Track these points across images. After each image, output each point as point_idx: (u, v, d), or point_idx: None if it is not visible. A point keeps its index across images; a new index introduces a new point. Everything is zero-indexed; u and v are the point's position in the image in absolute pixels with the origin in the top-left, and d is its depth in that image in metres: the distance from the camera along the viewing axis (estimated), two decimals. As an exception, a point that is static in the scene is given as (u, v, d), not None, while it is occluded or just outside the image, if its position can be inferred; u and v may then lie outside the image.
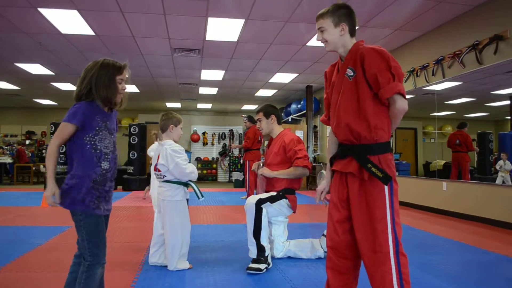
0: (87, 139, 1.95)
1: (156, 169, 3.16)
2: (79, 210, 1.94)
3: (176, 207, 3.15)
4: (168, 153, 3.07)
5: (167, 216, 3.15)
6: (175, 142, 3.23)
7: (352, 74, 1.96)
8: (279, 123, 3.68)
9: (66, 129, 1.92)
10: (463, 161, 6.98)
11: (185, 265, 3.18)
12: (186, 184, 3.18)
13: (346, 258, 2.01)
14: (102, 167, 1.98)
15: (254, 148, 8.05)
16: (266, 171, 3.45)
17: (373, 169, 1.87)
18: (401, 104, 1.89)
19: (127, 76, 2.08)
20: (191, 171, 3.10)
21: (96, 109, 1.99)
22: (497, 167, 6.21)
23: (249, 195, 7.79)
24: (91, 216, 1.95)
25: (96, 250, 1.95)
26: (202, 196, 3.21)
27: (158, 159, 3.15)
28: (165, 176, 3.14)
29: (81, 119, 1.93)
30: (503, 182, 5.96)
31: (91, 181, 1.94)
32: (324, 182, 2.25)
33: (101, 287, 2.08)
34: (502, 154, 6.32)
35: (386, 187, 1.87)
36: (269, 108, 3.65)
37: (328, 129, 11.11)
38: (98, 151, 1.97)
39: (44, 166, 9.90)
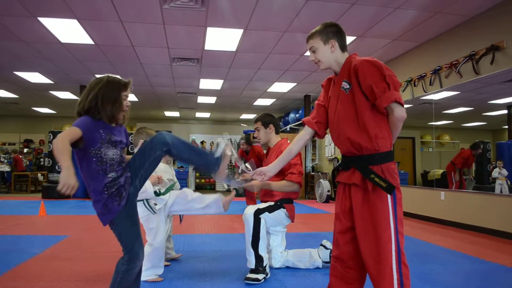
0: (93, 152, 1.95)
1: None
2: (110, 219, 2.02)
3: (142, 224, 3.07)
4: None
5: None
6: None
7: (348, 86, 1.97)
8: (277, 132, 3.66)
9: (73, 130, 1.89)
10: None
11: (149, 277, 3.06)
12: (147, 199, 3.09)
13: (350, 268, 2.01)
14: (108, 176, 1.98)
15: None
16: (257, 183, 3.27)
17: (376, 179, 1.87)
18: (399, 112, 1.89)
19: (131, 92, 2.09)
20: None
21: (100, 123, 1.98)
22: (495, 174, 6.24)
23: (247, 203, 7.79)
24: (119, 215, 2.01)
25: (131, 245, 2.04)
26: (154, 212, 3.15)
27: None
28: None
29: (87, 128, 1.92)
30: (501, 191, 5.99)
31: (103, 191, 1.96)
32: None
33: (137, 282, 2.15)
34: (498, 162, 6.37)
35: (389, 197, 1.87)
36: (267, 118, 3.64)
37: (327, 138, 11.13)
38: (104, 163, 1.97)
39: (42, 175, 9.80)
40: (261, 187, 3.37)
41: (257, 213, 3.19)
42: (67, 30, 6.31)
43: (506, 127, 6.82)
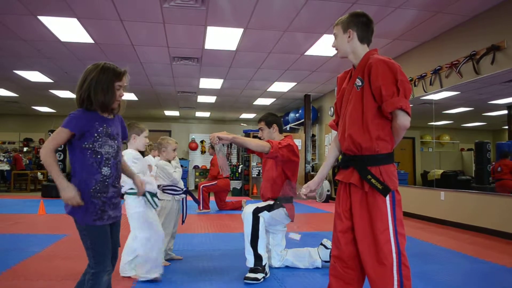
0: (87, 145, 1.89)
1: None
2: (79, 220, 1.91)
3: (138, 218, 3.04)
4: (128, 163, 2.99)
5: (132, 228, 3.10)
6: (140, 150, 3.14)
7: (360, 84, 1.94)
8: (280, 132, 3.65)
9: (61, 133, 1.86)
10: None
11: (152, 275, 3.03)
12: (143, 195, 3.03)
13: (350, 268, 1.99)
14: (102, 173, 1.92)
15: (220, 176, 7.95)
16: (222, 134, 3.00)
17: (372, 180, 1.85)
18: (403, 121, 1.85)
19: (126, 83, 2.01)
20: (147, 181, 2.92)
21: (95, 116, 1.93)
22: None
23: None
24: (92, 227, 1.93)
25: (100, 258, 1.95)
26: (157, 206, 3.10)
27: None
28: (123, 187, 2.98)
29: (78, 126, 1.87)
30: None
31: (90, 189, 1.89)
32: (314, 180, 2.23)
33: None
34: None
35: (388, 198, 1.86)
36: (270, 117, 3.62)
37: (327, 138, 11.13)
38: (99, 156, 1.91)
39: (42, 174, 9.80)
40: (232, 139, 3.00)
41: (256, 212, 3.19)
42: (67, 29, 6.29)
43: (506, 127, 6.82)
